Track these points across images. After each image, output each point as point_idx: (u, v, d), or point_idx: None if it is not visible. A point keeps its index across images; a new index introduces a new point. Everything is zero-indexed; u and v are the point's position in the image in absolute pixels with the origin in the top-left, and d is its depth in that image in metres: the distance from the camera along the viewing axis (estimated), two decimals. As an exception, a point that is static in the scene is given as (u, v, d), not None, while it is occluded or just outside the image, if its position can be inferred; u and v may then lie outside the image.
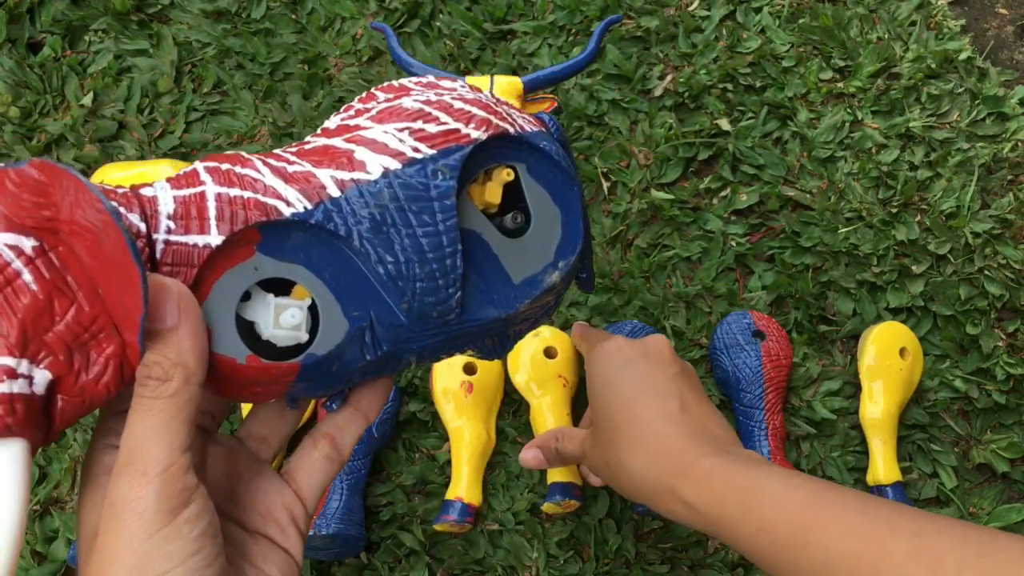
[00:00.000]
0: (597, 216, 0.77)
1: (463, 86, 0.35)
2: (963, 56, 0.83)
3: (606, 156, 0.79)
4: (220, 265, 0.29)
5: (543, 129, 0.35)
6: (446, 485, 0.68)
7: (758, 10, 0.85)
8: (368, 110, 0.34)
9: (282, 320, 0.30)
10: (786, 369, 0.69)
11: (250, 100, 0.82)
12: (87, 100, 0.82)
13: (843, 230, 0.76)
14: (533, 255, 0.34)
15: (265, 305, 0.30)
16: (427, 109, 0.32)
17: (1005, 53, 0.87)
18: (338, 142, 0.32)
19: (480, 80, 0.69)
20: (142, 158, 0.79)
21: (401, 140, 0.31)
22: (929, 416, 0.70)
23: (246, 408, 0.66)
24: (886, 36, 0.84)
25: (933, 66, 0.82)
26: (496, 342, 0.35)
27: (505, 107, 0.35)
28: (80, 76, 0.83)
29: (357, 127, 0.33)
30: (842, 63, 0.83)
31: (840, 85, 0.82)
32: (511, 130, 0.33)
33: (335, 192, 0.30)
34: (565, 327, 0.73)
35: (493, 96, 0.36)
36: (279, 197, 0.29)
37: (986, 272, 0.75)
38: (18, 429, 0.25)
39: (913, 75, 0.82)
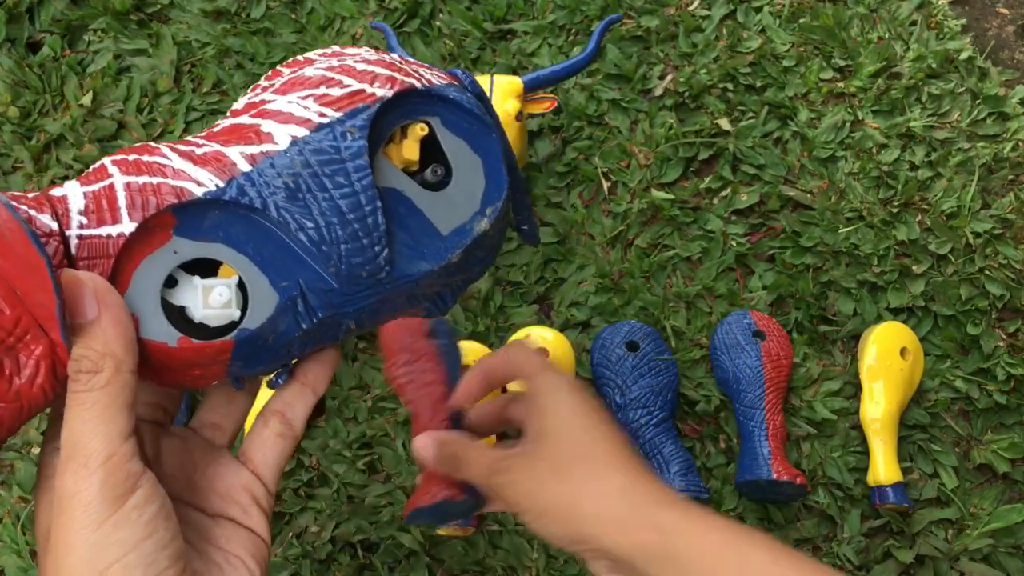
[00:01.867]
0: (597, 216, 0.77)
1: (367, 50, 0.35)
2: (964, 56, 0.83)
3: (606, 156, 0.79)
4: (138, 253, 0.29)
5: (454, 82, 0.35)
6: (446, 485, 0.68)
7: (758, 10, 0.85)
8: (272, 84, 0.34)
9: (211, 300, 0.30)
10: (786, 369, 0.69)
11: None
12: (86, 100, 0.82)
13: (844, 230, 0.76)
14: (459, 205, 0.33)
15: (192, 288, 0.30)
16: (330, 75, 0.32)
17: (1006, 53, 0.87)
18: (244, 119, 0.32)
19: (480, 80, 0.69)
20: (141, 158, 0.79)
21: (306, 107, 0.31)
22: (930, 416, 0.70)
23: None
24: (887, 36, 0.84)
25: (934, 66, 0.82)
26: (436, 299, 0.35)
27: (412, 65, 0.35)
28: (79, 76, 0.83)
29: (262, 102, 0.33)
30: (843, 63, 0.83)
31: (841, 85, 0.82)
32: (418, 84, 0.33)
33: (246, 167, 0.30)
34: (564, 328, 0.73)
35: (402, 57, 0.35)
36: (189, 179, 0.29)
37: (987, 272, 0.75)
38: None
39: (914, 75, 0.82)
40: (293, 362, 0.35)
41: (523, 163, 0.75)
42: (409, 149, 0.33)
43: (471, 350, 0.68)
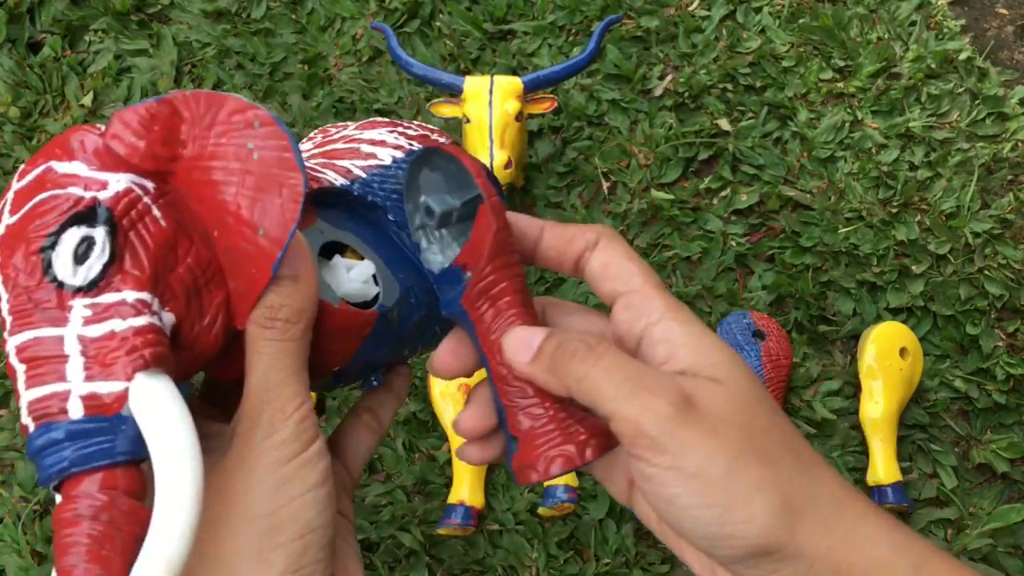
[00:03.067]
0: (597, 216, 0.77)
1: None
2: (963, 56, 0.83)
3: (606, 156, 0.79)
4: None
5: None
6: (446, 485, 0.68)
7: (758, 10, 0.85)
8: (337, 132, 0.37)
9: (353, 275, 0.32)
10: (786, 369, 0.69)
11: (250, 100, 0.82)
12: (87, 100, 0.82)
13: (843, 230, 0.76)
14: None
15: (331, 267, 0.32)
16: (395, 122, 0.37)
17: (1005, 53, 0.87)
18: (339, 146, 0.35)
19: (480, 80, 0.69)
20: (142, 158, 0.79)
21: (396, 138, 0.35)
22: (929, 416, 0.70)
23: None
24: (886, 36, 0.84)
25: (933, 66, 0.82)
26: (429, 340, 0.39)
27: None
28: (80, 76, 0.83)
29: (345, 137, 0.36)
30: (842, 63, 0.83)
31: (840, 85, 0.82)
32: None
33: (361, 174, 0.33)
34: (565, 327, 0.73)
35: None
36: (322, 174, 0.32)
37: (986, 272, 0.75)
38: (167, 363, 0.25)
39: (913, 75, 0.82)
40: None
41: (523, 163, 0.75)
42: None
43: None
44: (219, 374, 0.31)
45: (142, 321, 0.24)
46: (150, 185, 0.26)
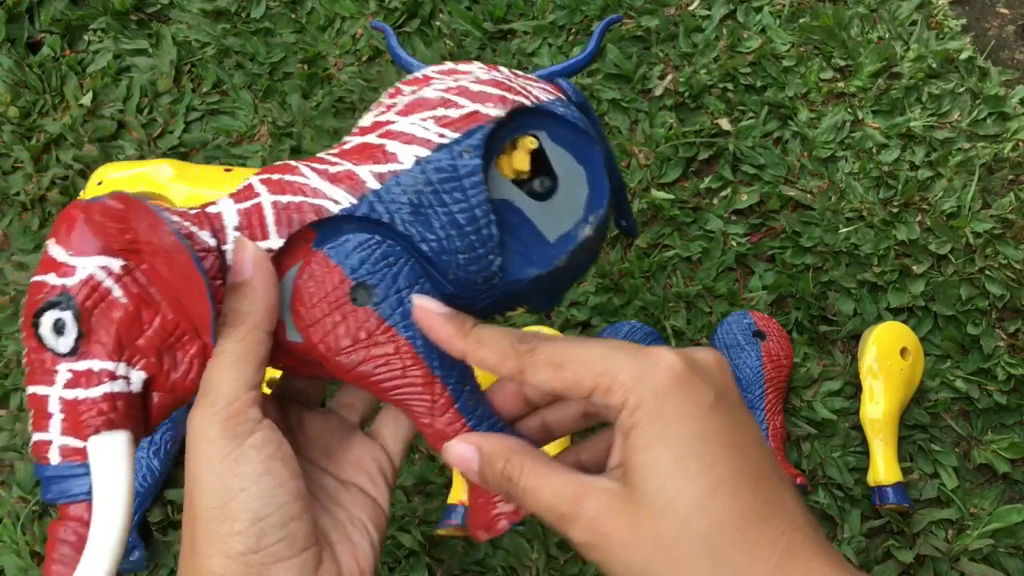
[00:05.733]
0: (597, 216, 0.77)
1: (479, 67, 0.38)
2: (964, 56, 0.83)
3: (606, 156, 0.79)
4: (284, 264, 0.33)
5: (560, 95, 0.38)
6: (446, 486, 0.68)
7: (759, 10, 0.85)
8: (395, 104, 0.37)
9: None
10: (786, 369, 0.69)
11: (250, 100, 0.82)
12: (86, 100, 0.82)
13: (844, 230, 0.76)
14: (564, 214, 0.36)
15: None
16: (447, 96, 0.35)
17: (1006, 53, 0.87)
18: (372, 138, 0.35)
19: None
20: (141, 158, 0.79)
21: (427, 128, 0.34)
22: (930, 416, 0.70)
23: None
24: (887, 36, 0.84)
25: (934, 66, 0.82)
26: (544, 296, 0.38)
27: (521, 80, 0.37)
28: (79, 76, 0.83)
29: (388, 122, 0.36)
30: (843, 63, 0.83)
31: (841, 85, 0.82)
32: (527, 102, 0.35)
33: (375, 185, 0.33)
34: (564, 328, 0.73)
35: (511, 71, 0.38)
36: (327, 197, 0.33)
37: (987, 272, 0.75)
38: (120, 423, 0.30)
39: (914, 75, 0.82)
40: None
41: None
42: (520, 160, 0.36)
43: None
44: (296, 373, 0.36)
45: (99, 392, 0.30)
46: (116, 264, 0.30)
